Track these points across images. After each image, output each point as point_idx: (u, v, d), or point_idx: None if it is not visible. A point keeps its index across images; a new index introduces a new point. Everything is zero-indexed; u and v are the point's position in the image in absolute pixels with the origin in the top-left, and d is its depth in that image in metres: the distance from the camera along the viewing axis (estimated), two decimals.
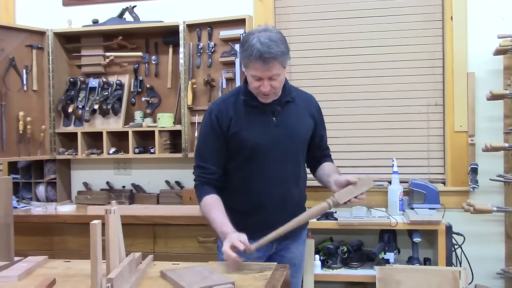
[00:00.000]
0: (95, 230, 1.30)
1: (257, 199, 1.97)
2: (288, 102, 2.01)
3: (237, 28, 2.96)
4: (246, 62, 1.86)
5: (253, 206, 1.99)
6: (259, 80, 1.85)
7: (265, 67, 1.80)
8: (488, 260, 2.93)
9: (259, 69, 1.81)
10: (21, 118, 3.09)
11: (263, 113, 1.97)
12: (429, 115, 3.05)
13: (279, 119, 1.98)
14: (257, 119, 1.97)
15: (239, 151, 1.97)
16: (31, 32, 3.19)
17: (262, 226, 1.89)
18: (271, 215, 1.96)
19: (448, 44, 2.97)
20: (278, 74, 1.84)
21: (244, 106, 1.98)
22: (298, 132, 2.01)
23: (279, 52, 1.80)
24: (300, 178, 2.07)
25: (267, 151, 1.95)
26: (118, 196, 3.28)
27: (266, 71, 1.82)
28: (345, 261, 2.84)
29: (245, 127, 1.95)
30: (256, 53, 1.78)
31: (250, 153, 1.95)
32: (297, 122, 2.02)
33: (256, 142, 1.94)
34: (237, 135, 1.95)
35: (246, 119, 1.96)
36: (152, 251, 2.82)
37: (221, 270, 1.67)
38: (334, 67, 3.15)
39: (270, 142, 1.95)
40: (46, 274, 1.64)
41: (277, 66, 1.82)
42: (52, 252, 2.90)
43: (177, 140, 3.19)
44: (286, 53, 1.85)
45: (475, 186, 2.86)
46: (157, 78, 3.28)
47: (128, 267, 1.48)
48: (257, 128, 1.96)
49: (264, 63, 1.79)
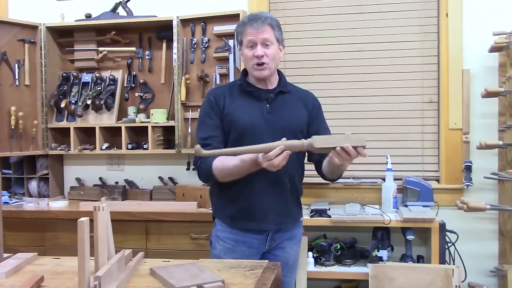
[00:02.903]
0: (83, 227, 1.28)
1: (248, 183, 1.95)
2: (283, 93, 2.05)
3: (231, 23, 2.93)
4: (241, 33, 2.00)
5: (243, 191, 1.98)
6: (253, 47, 1.96)
7: (257, 29, 1.94)
8: (481, 257, 2.93)
9: (252, 31, 1.95)
10: (13, 113, 3.07)
11: (257, 99, 2.02)
12: (423, 112, 3.04)
13: (272, 106, 2.02)
14: (251, 104, 2.02)
15: (230, 131, 2.00)
16: (23, 26, 3.16)
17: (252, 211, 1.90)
18: (259, 200, 1.98)
19: (443, 41, 2.95)
20: (271, 41, 1.97)
21: (240, 91, 2.05)
22: (291, 121, 2.02)
23: (270, 17, 1.98)
24: (293, 167, 2.02)
25: (258, 135, 1.95)
26: (111, 192, 3.26)
27: (258, 33, 1.94)
28: (338, 258, 2.83)
29: (238, 109, 2.00)
30: (249, 18, 1.97)
31: (241, 135, 1.97)
32: (291, 111, 2.03)
33: (248, 125, 1.97)
34: (230, 116, 1.99)
35: (240, 102, 2.02)
36: (144, 247, 2.81)
37: (212, 267, 1.65)
38: (329, 63, 3.13)
39: (261, 127, 1.97)
40: (35, 271, 1.62)
41: (269, 30, 1.96)
42: (44, 248, 2.89)
43: (170, 136, 3.17)
44: (277, 23, 2.00)
45: (469, 183, 2.86)
46: (151, 74, 3.25)
47: (116, 264, 1.46)
48: (250, 112, 1.99)
49: (256, 24, 1.94)
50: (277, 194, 1.98)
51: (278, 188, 1.99)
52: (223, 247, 2.01)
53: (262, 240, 2.00)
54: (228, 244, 2.01)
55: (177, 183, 3.21)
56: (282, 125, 1.98)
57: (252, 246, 1.98)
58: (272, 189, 1.98)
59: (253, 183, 1.95)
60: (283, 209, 2.01)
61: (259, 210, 1.96)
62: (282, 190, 2.00)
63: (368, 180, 3.02)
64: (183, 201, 3.00)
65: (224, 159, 1.91)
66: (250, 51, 1.97)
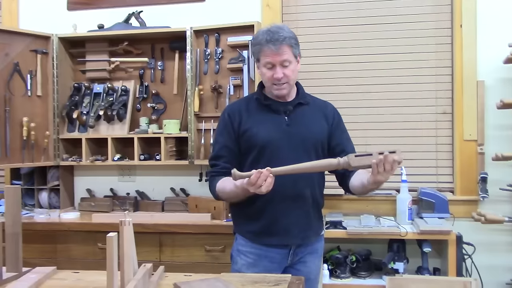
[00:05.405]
0: (112, 243, 1.26)
1: (269, 200, 1.93)
2: (301, 104, 2.03)
3: (245, 34, 2.93)
4: (258, 52, 1.94)
5: (265, 208, 1.96)
6: (272, 68, 1.91)
7: (276, 51, 1.88)
8: (497, 269, 2.90)
9: (270, 54, 1.89)
10: (25, 124, 3.05)
11: (275, 112, 2.00)
12: (437, 123, 3.03)
13: (291, 119, 1.99)
14: (269, 117, 1.99)
15: (250, 149, 1.97)
16: (35, 37, 3.15)
17: (275, 227, 1.88)
18: (282, 215, 1.95)
19: (457, 52, 2.94)
20: (290, 60, 1.92)
21: (257, 105, 2.03)
22: (311, 133, 1.99)
23: (288, 36, 1.90)
24: (314, 180, 2.01)
25: (278, 149, 1.94)
26: (122, 203, 3.24)
27: (277, 56, 1.88)
28: (353, 270, 2.80)
29: (256, 124, 1.98)
30: (267, 37, 1.88)
31: (261, 150, 1.95)
32: (310, 123, 2.01)
33: (267, 140, 1.94)
34: (248, 132, 1.97)
35: (257, 117, 1.99)
36: (158, 260, 2.78)
37: (235, 282, 1.63)
38: (342, 74, 3.12)
39: (281, 141, 1.95)
40: (56, 286, 1.60)
41: (288, 51, 1.90)
42: (56, 260, 2.85)
43: (182, 146, 3.15)
44: (295, 40, 1.94)
45: (485, 195, 2.83)
46: (163, 84, 3.24)
47: (142, 280, 1.44)
48: (268, 126, 1.97)
49: (274, 47, 1.87)
50: (299, 208, 1.96)
51: (300, 202, 1.97)
52: (245, 261, 1.98)
53: (284, 255, 1.97)
54: (250, 258, 1.98)
55: (189, 195, 3.19)
56: (302, 137, 1.96)
57: (274, 260, 1.96)
58: (294, 204, 1.95)
59: (275, 200, 1.92)
60: (306, 223, 1.99)
61: (282, 226, 1.93)
62: (304, 204, 1.98)
63: (383, 191, 3.00)
64: (196, 212, 2.98)
65: (225, 183, 1.93)
66: (268, 71, 1.93)
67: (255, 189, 1.72)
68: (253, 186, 1.71)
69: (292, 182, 1.92)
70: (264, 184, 1.70)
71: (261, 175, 1.69)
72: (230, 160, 1.99)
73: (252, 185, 1.71)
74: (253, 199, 1.90)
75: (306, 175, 1.92)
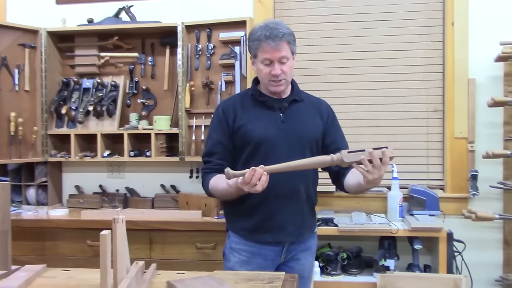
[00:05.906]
0: (105, 241, 1.24)
1: (263, 198, 1.91)
2: (296, 101, 2.02)
3: (237, 30, 2.91)
4: (256, 48, 1.91)
5: (259, 205, 1.94)
6: (270, 64, 1.90)
7: (275, 47, 1.86)
8: (487, 266, 2.92)
9: (269, 50, 1.87)
10: (12, 119, 3.00)
11: (270, 109, 1.99)
12: (429, 121, 3.04)
13: (286, 115, 1.98)
14: (264, 114, 1.98)
15: (245, 145, 1.96)
16: (24, 31, 3.10)
17: (269, 224, 1.87)
18: (277, 212, 1.94)
19: (449, 50, 2.95)
20: (287, 57, 1.90)
21: (252, 101, 2.01)
22: (305, 130, 1.98)
23: (287, 32, 1.89)
24: (308, 177, 2.01)
25: (273, 146, 1.92)
26: (112, 199, 3.20)
27: (275, 52, 1.87)
28: (344, 267, 2.80)
29: (252, 120, 1.96)
30: (266, 33, 1.86)
31: (256, 146, 1.93)
32: (305, 120, 2.00)
33: (262, 136, 1.93)
34: (243, 128, 1.96)
35: (252, 113, 1.98)
36: (148, 257, 2.75)
37: (229, 280, 1.61)
38: (333, 71, 3.12)
39: (276, 137, 1.94)
40: (46, 284, 1.57)
41: (286, 47, 1.89)
42: (44, 258, 2.81)
43: (173, 143, 3.12)
44: (293, 36, 1.93)
45: (475, 193, 2.85)
46: (153, 80, 3.21)
47: (135, 278, 1.42)
48: (264, 122, 1.96)
49: (274, 43, 1.86)
50: (294, 205, 1.95)
51: (294, 199, 1.96)
52: (238, 259, 1.97)
53: (278, 252, 1.96)
54: (243, 256, 1.97)
55: (180, 191, 3.16)
56: (297, 134, 1.95)
57: (267, 258, 1.95)
58: (289, 201, 1.94)
59: (269, 197, 1.90)
60: (300, 220, 1.98)
61: (276, 223, 1.92)
62: (298, 201, 1.97)
63: (374, 188, 2.99)
64: (186, 209, 2.95)
65: (217, 181, 1.91)
66: (266, 68, 1.91)
67: (249, 187, 1.70)
68: (248, 185, 1.69)
69: (286, 179, 1.90)
70: (259, 183, 1.68)
71: (255, 173, 1.67)
72: (224, 157, 1.97)
73: (247, 184, 1.69)
74: (247, 196, 1.87)
75: (300, 171, 1.90)
